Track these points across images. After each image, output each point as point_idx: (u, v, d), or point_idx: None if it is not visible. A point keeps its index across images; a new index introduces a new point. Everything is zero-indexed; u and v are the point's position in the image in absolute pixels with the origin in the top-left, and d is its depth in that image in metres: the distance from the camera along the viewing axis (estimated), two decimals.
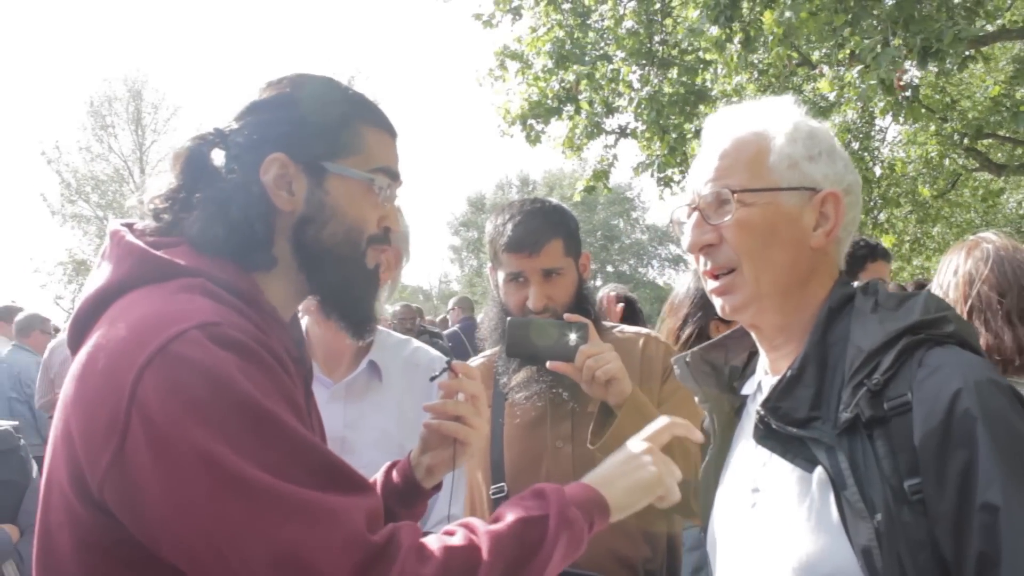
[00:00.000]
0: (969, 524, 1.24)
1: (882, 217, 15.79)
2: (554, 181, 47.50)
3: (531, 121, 13.33)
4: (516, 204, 2.59)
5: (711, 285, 1.58)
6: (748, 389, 1.68)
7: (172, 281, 1.35)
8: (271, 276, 1.49)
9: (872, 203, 14.97)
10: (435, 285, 48.32)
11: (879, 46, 7.52)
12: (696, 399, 1.72)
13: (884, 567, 1.28)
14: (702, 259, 1.57)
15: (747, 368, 1.73)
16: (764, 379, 1.63)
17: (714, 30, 10.02)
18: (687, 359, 1.72)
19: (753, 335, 1.64)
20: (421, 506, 1.77)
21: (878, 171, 15.01)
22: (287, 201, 1.47)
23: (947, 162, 17.47)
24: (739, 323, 1.67)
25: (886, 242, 14.40)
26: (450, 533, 1.36)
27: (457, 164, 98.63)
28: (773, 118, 1.57)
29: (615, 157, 13.70)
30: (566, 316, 2.37)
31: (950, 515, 1.26)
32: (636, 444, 1.62)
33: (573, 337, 2.30)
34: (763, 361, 1.65)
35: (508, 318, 2.40)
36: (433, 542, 1.31)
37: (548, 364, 2.32)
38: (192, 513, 1.18)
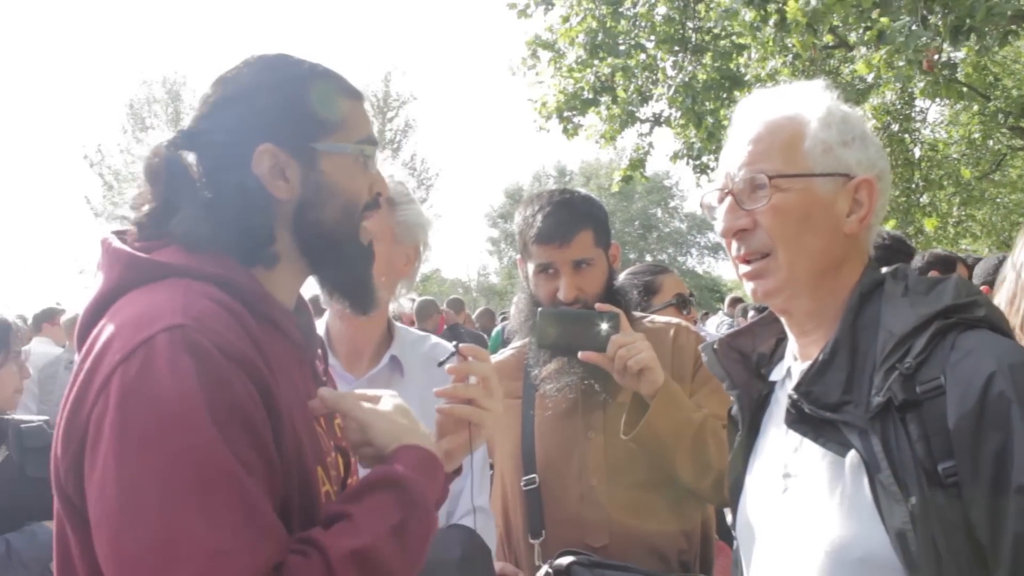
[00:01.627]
0: (1004, 506, 1.24)
1: (924, 200, 15.52)
2: (591, 171, 47.35)
3: (567, 114, 13.29)
4: (545, 195, 2.59)
5: (742, 269, 1.58)
6: (776, 375, 1.68)
7: (159, 282, 1.35)
8: (272, 269, 1.48)
9: (914, 185, 14.73)
10: (474, 278, 48.40)
11: (908, 27, 7.39)
12: (724, 386, 1.72)
13: (918, 550, 1.28)
14: (735, 244, 1.57)
15: (775, 355, 1.72)
16: (793, 365, 1.62)
17: (748, 13, 9.92)
18: (715, 346, 1.72)
19: (783, 320, 1.64)
20: (444, 491, 1.76)
21: (917, 153, 14.76)
22: (285, 190, 1.45)
23: (991, 142, 17.15)
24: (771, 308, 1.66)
25: (928, 225, 14.16)
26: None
27: (494, 156, 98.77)
28: (806, 102, 1.56)
29: (650, 146, 13.63)
30: (597, 306, 2.37)
31: (985, 498, 1.26)
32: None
33: (604, 327, 2.30)
34: (792, 347, 1.65)
35: (539, 309, 2.40)
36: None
37: (580, 355, 2.33)
38: (102, 525, 1.19)
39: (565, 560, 2.28)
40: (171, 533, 1.14)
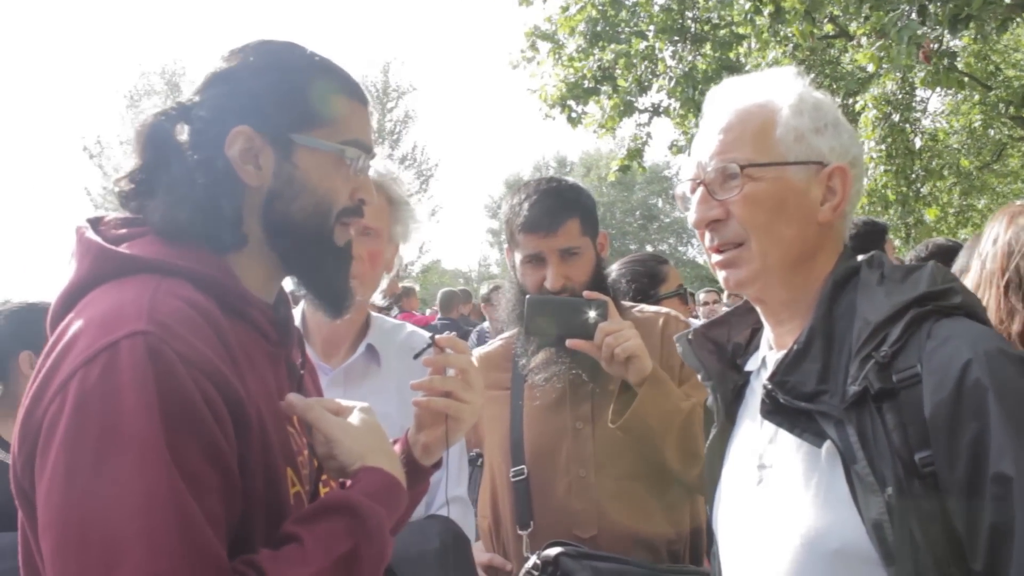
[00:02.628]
0: (981, 496, 1.23)
1: (924, 190, 15.49)
2: (591, 162, 47.32)
3: (570, 103, 13.29)
4: (532, 184, 2.57)
5: (715, 258, 1.56)
6: (752, 365, 1.67)
7: (130, 277, 1.31)
8: (244, 256, 1.44)
9: (914, 175, 14.70)
10: (474, 268, 48.42)
11: (905, 16, 7.36)
12: (699, 376, 1.71)
13: (895, 541, 1.27)
14: (708, 235, 1.55)
15: (750, 345, 1.71)
16: (769, 354, 1.61)
17: (744, 3, 9.89)
18: (689, 337, 1.70)
19: (758, 309, 1.62)
20: (423, 484, 1.75)
21: (918, 143, 14.72)
22: (254, 176, 1.41)
23: (992, 132, 17.10)
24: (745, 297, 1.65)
25: (929, 215, 14.13)
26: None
27: (494, 147, 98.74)
28: (777, 89, 1.54)
29: (649, 136, 13.63)
30: (585, 294, 2.36)
31: (962, 487, 1.25)
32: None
33: (592, 315, 2.30)
34: (767, 336, 1.63)
35: (527, 296, 2.39)
36: None
37: (567, 342, 2.32)
38: (46, 533, 1.16)
39: (553, 551, 2.27)
40: (111, 554, 1.11)
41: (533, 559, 2.29)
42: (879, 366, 1.34)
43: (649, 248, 43.34)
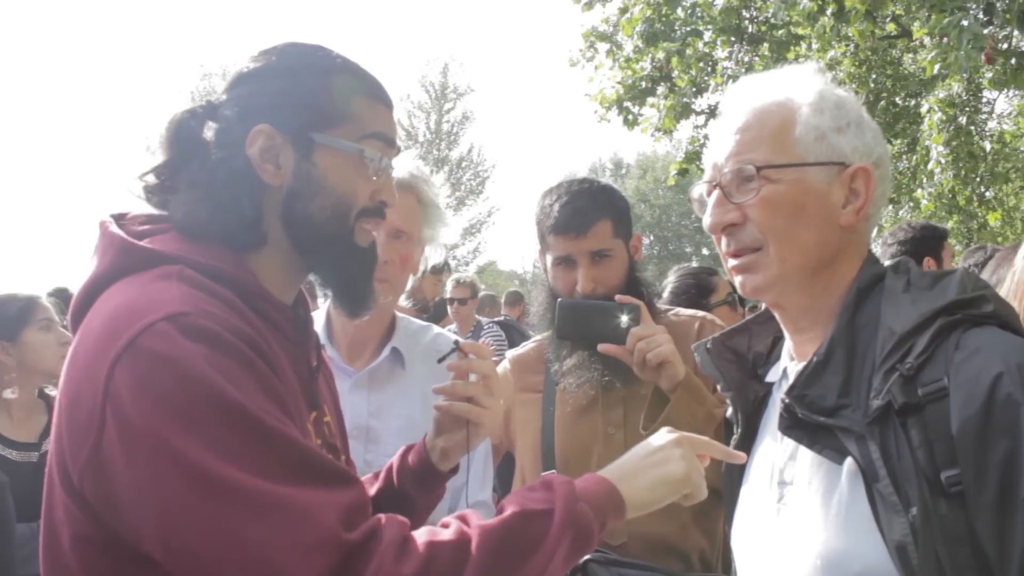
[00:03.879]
0: (1013, 518, 1.17)
1: (989, 194, 15.08)
2: (647, 164, 47.10)
3: (627, 104, 13.26)
4: (564, 185, 2.54)
5: (731, 263, 1.50)
6: (773, 376, 1.61)
7: (152, 270, 1.33)
8: (263, 256, 1.44)
9: (979, 179, 14.32)
10: (529, 270, 48.41)
11: (972, 16, 7.15)
12: (719, 387, 1.65)
13: (920, 564, 1.21)
14: (724, 239, 1.50)
15: (772, 354, 1.65)
16: (789, 365, 1.55)
17: (806, 2, 9.73)
18: (708, 346, 1.65)
19: (777, 316, 1.56)
20: (439, 489, 1.74)
21: (988, 146, 14.33)
22: (274, 175, 1.42)
23: None
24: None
25: (992, 219, 13.74)
26: (444, 525, 1.32)
27: (551, 148, 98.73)
28: (797, 87, 1.48)
29: (706, 138, 13.48)
30: (617, 297, 2.33)
31: (991, 508, 1.19)
32: (666, 436, 1.52)
33: (625, 319, 2.26)
34: (788, 345, 1.57)
35: (558, 300, 2.37)
36: (421, 536, 1.26)
37: (599, 347, 2.29)
38: (164, 512, 1.16)
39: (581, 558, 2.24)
40: (241, 496, 1.14)
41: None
42: (904, 379, 1.28)
43: (705, 251, 42.95)
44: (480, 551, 1.25)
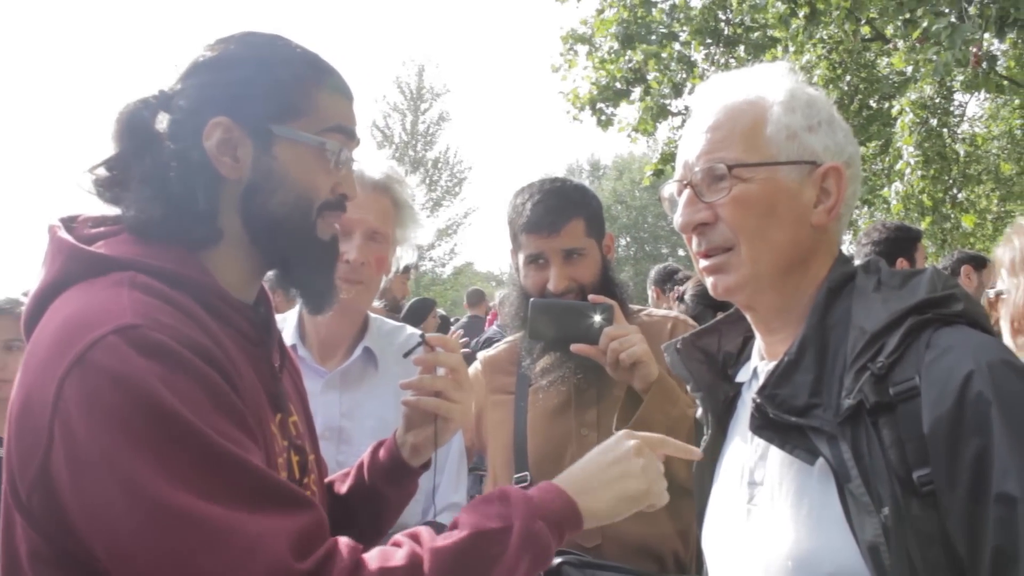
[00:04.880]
0: (984, 517, 1.17)
1: (961, 196, 15.24)
2: (624, 165, 47.26)
3: (600, 105, 13.29)
4: (536, 184, 2.53)
5: (702, 263, 1.49)
6: (743, 376, 1.60)
7: (103, 277, 1.28)
8: (220, 253, 1.40)
9: (951, 181, 14.47)
10: (506, 271, 48.45)
11: (950, 21, 7.23)
12: (688, 387, 1.64)
13: (892, 564, 1.20)
14: (695, 239, 1.49)
15: (742, 354, 1.64)
16: (760, 365, 1.54)
17: (779, 5, 9.81)
18: (678, 346, 1.64)
19: (748, 317, 1.55)
20: (411, 485, 1.72)
21: (961, 150, 14.48)
22: (232, 168, 1.37)
23: None
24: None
25: (966, 222, 13.89)
26: (396, 544, 1.29)
27: (528, 149, 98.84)
28: (768, 85, 1.47)
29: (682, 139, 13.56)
30: (591, 297, 2.32)
31: (963, 507, 1.19)
32: (626, 444, 1.49)
33: (597, 319, 2.26)
34: (759, 345, 1.56)
35: (531, 300, 2.35)
36: (373, 560, 1.23)
37: (572, 347, 2.28)
38: (112, 536, 1.13)
39: (556, 560, 2.22)
40: (188, 522, 1.11)
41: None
42: (875, 378, 1.27)
43: (681, 252, 43.13)
44: (433, 574, 1.22)
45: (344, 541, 1.24)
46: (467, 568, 1.25)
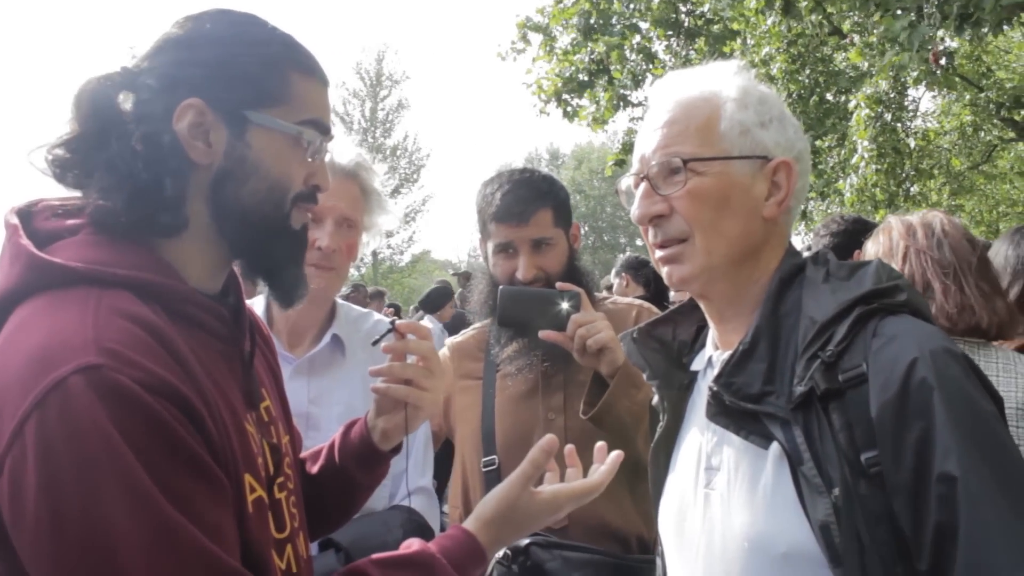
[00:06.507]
0: (927, 495, 1.22)
1: (914, 189, 15.54)
2: (583, 154, 47.37)
3: (565, 96, 13.26)
4: (505, 174, 2.57)
5: (658, 254, 1.53)
6: (698, 364, 1.64)
7: (67, 290, 1.22)
8: (184, 242, 1.34)
9: (904, 175, 14.74)
10: (464, 259, 48.29)
11: (910, 20, 7.33)
12: (644, 376, 1.68)
13: (842, 542, 1.26)
14: (651, 231, 1.53)
15: (696, 343, 1.68)
16: (714, 354, 1.59)
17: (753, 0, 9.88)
18: (633, 335, 1.67)
19: (702, 306, 1.60)
20: (381, 469, 1.72)
21: (912, 143, 14.75)
22: (204, 153, 1.31)
23: (982, 133, 17.15)
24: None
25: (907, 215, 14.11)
26: None
27: (487, 137, 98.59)
28: (722, 82, 1.52)
29: None
30: (558, 285, 2.36)
31: (907, 487, 1.24)
32: (560, 515, 1.62)
33: (565, 306, 2.30)
34: (712, 335, 1.61)
35: (499, 287, 2.39)
36: None
37: (540, 333, 2.31)
38: None
39: (523, 541, 2.26)
40: None
41: (503, 549, 2.28)
42: (825, 366, 1.32)
43: (639, 242, 43.36)
44: None
45: None
46: None
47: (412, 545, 1.45)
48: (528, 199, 2.45)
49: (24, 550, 1.12)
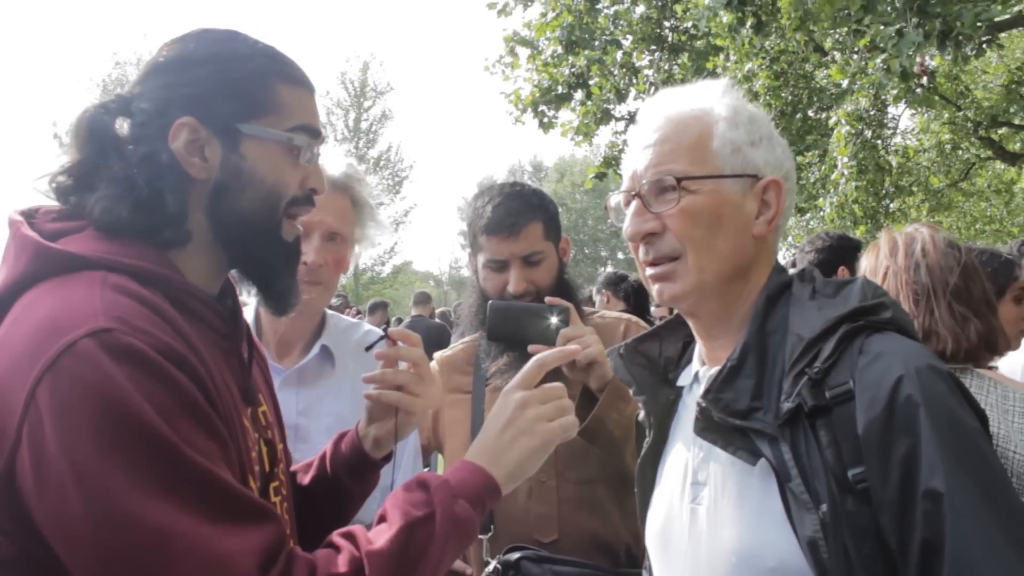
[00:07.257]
0: (913, 511, 1.23)
1: (893, 206, 15.67)
2: (565, 168, 47.48)
3: (542, 107, 13.28)
4: (495, 187, 2.57)
5: (649, 271, 1.54)
6: (684, 380, 1.65)
7: (73, 275, 1.26)
8: (188, 252, 1.39)
9: (884, 192, 14.88)
10: (445, 271, 48.26)
11: (896, 32, 7.41)
12: (631, 391, 1.68)
13: (830, 558, 1.26)
14: (642, 248, 1.53)
15: (682, 359, 1.69)
16: (701, 370, 1.59)
17: (726, 16, 9.94)
18: (620, 351, 1.68)
19: (690, 323, 1.60)
20: (373, 477, 1.73)
21: (894, 161, 14.88)
22: (200, 168, 1.36)
23: (960, 151, 17.35)
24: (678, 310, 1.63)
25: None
26: (335, 546, 1.31)
27: (469, 149, 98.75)
28: (713, 101, 1.53)
29: (625, 143, 13.59)
30: (547, 299, 2.36)
31: (894, 503, 1.25)
32: (511, 404, 1.51)
33: (554, 320, 2.29)
34: (699, 351, 1.62)
35: (489, 301, 2.39)
36: (320, 567, 1.25)
37: (529, 348, 2.31)
38: (78, 544, 1.13)
39: (514, 555, 2.26)
40: (158, 538, 1.11)
41: (493, 563, 2.28)
42: (812, 382, 1.34)
43: (620, 256, 43.51)
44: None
45: (297, 550, 1.27)
46: (402, 564, 1.29)
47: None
48: (519, 212, 2.45)
49: (49, 516, 1.13)
